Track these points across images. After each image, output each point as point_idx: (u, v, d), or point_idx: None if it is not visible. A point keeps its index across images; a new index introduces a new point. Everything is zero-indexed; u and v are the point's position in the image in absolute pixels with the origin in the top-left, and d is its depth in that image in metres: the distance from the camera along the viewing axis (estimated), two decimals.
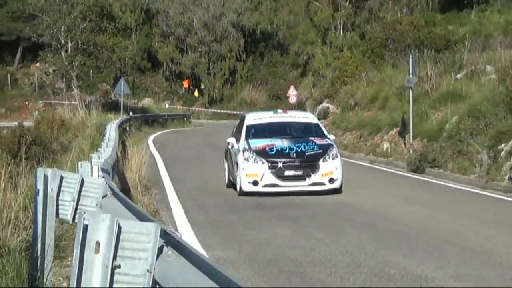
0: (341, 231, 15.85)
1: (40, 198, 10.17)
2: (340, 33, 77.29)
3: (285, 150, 21.91)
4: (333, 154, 21.97)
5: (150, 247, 5.80)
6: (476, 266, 12.37)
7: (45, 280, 10.01)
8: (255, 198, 21.23)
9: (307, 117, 25.57)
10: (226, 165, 24.73)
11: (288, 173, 21.58)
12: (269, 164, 21.49)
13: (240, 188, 21.55)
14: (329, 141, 22.73)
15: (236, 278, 4.58)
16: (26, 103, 77.30)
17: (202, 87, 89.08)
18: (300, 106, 60.66)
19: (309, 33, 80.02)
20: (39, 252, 10.11)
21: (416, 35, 54.51)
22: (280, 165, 21.51)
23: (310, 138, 22.64)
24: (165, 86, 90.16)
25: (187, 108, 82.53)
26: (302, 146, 22.04)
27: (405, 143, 31.53)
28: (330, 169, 21.69)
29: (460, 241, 14.67)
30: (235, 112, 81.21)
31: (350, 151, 38.80)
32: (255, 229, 15.87)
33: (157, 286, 5.79)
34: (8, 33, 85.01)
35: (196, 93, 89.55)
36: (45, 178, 10.12)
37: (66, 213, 10.15)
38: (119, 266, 5.78)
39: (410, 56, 33.74)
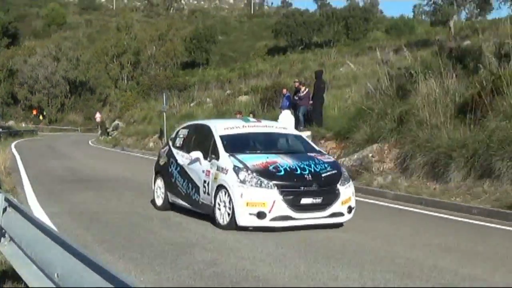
0: (123, 194, 15.50)
1: None
2: (125, 81, 76.94)
3: (296, 170, 9.91)
4: (345, 176, 10.41)
5: None
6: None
7: None
8: (72, 173, 20.30)
9: (284, 127, 12.39)
10: (159, 182, 12.41)
11: (305, 201, 9.71)
12: (280, 190, 9.61)
13: (234, 221, 9.71)
14: (331, 158, 11.31)
15: (47, 224, 4.36)
16: None
17: (44, 113, 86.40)
18: (102, 123, 59.43)
19: (107, 81, 79.49)
20: None
21: (168, 82, 55.19)
22: (295, 190, 9.68)
23: (310, 154, 10.67)
24: (22, 113, 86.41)
25: (36, 126, 79.13)
26: (312, 165, 10.14)
27: (162, 142, 31.49)
28: (348, 195, 10.16)
29: None
30: (64, 127, 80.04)
31: (131, 148, 38.38)
32: (75, 195, 15.21)
33: (3, 231, 5.49)
34: None
35: (41, 117, 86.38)
36: None
37: None
38: None
39: (164, 94, 33.96)
